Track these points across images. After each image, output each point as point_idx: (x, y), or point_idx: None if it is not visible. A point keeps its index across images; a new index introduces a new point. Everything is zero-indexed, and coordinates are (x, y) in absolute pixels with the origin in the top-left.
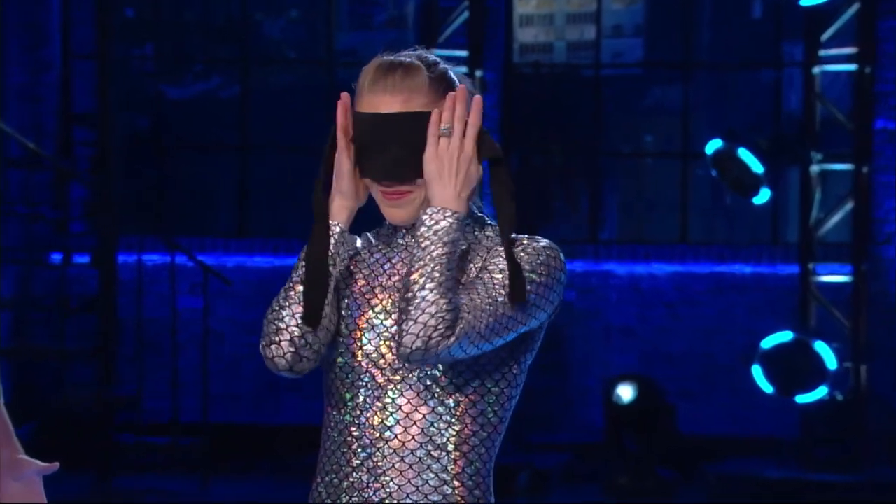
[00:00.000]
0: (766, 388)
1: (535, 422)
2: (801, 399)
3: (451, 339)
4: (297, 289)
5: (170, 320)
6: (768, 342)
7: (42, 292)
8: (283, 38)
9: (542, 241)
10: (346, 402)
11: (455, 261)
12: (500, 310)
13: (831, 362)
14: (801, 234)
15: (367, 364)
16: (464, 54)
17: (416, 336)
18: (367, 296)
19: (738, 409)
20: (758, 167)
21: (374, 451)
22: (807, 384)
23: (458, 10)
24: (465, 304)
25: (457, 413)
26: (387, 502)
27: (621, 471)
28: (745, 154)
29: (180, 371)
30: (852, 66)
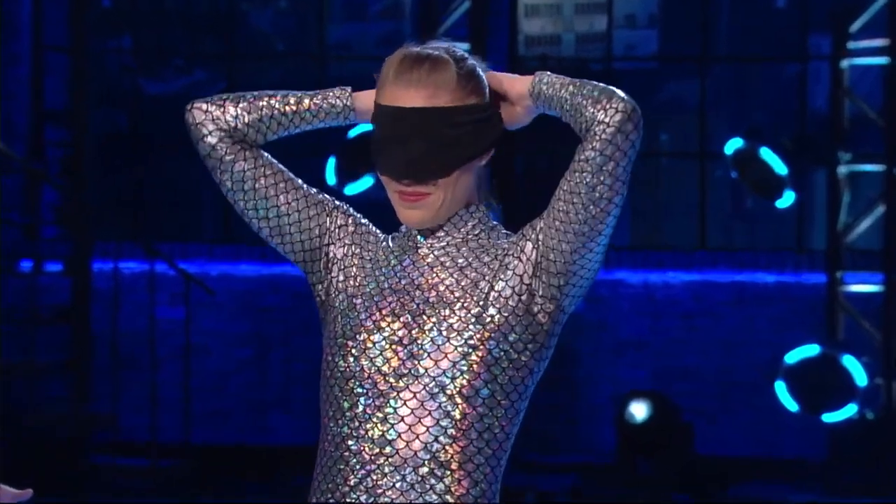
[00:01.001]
0: (791, 406)
1: (540, 442)
2: (829, 418)
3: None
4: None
5: (148, 332)
6: (793, 356)
7: (11, 302)
8: (272, 30)
9: None
10: (345, 412)
11: None
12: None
13: (861, 378)
14: (829, 241)
15: (369, 369)
16: (465, 47)
17: (624, 100)
18: (375, 297)
19: (761, 428)
20: (781, 168)
21: (374, 468)
22: (835, 402)
23: None
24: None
25: (462, 427)
26: None
27: (633, 495)
28: (767, 154)
29: (160, 387)
30: (883, 59)
